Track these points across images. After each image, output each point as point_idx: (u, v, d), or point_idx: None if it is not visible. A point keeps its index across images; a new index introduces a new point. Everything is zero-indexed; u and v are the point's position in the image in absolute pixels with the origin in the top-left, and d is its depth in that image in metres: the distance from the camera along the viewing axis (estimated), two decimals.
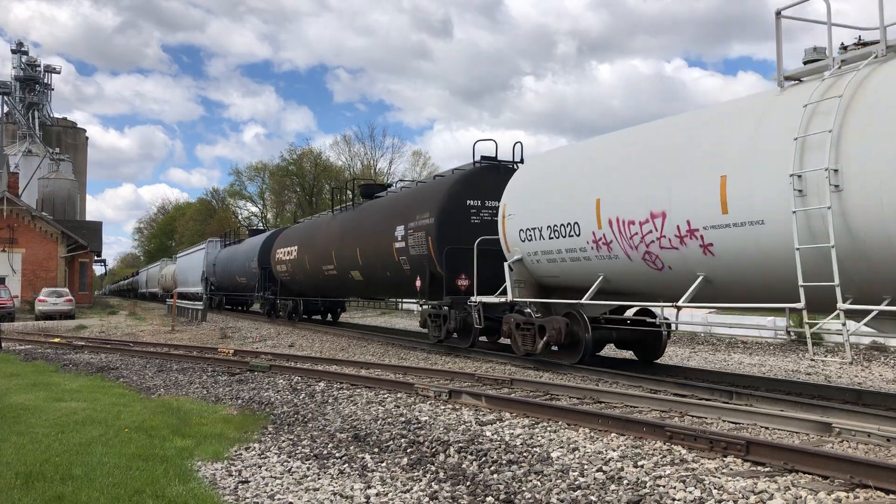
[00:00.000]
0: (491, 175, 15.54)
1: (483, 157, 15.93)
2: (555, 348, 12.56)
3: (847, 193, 7.20)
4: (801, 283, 7.47)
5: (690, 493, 5.01)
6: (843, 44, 8.19)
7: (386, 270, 17.84)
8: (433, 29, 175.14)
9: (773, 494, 4.91)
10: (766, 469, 5.56)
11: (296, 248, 24.61)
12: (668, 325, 11.41)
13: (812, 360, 11.03)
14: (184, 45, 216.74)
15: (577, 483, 5.38)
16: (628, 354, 13.83)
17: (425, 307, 16.71)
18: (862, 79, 7.44)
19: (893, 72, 7.26)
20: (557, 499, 5.04)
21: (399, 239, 16.65)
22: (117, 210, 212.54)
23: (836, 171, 7.27)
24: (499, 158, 16.13)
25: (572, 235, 11.33)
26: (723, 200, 8.51)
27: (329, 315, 28.07)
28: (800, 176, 7.59)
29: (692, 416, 7.86)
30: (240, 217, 73.15)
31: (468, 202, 15.39)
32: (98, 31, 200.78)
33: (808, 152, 7.59)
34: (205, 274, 41.76)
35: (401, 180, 21.12)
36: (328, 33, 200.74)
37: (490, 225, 14.81)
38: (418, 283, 16.23)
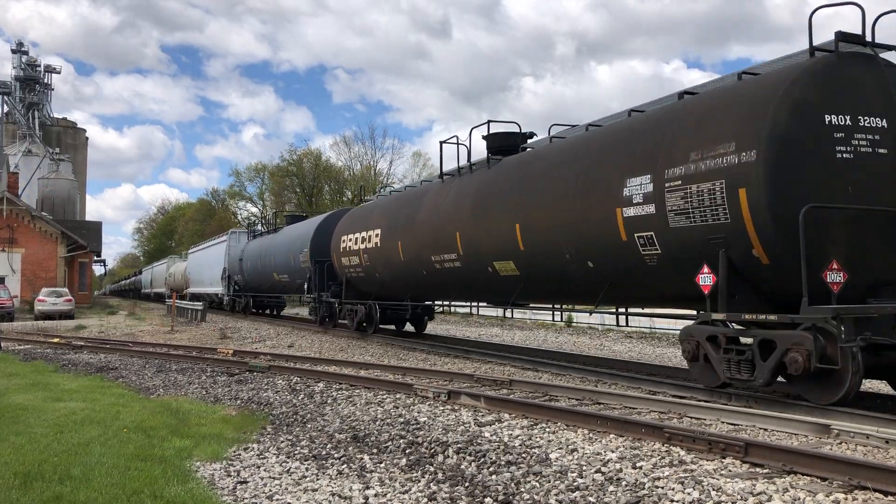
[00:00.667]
0: (865, 69, 8.36)
1: (842, 35, 8.34)
2: None
3: None
4: None
5: (689, 494, 5.01)
6: None
7: (589, 258, 10.47)
8: (432, 29, 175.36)
9: (771, 496, 4.91)
10: (765, 470, 5.56)
11: (377, 231, 17.76)
12: None
13: None
14: (182, 45, 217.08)
15: (575, 484, 5.37)
16: None
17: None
18: None
19: None
20: (556, 500, 5.04)
21: (635, 201, 9.38)
22: (116, 210, 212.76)
23: None
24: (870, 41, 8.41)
25: None
26: None
27: (412, 324, 20.98)
28: None
29: (691, 418, 7.86)
30: (239, 217, 73.16)
31: (829, 119, 7.96)
32: (96, 31, 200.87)
33: None
34: (226, 271, 36.13)
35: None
36: (327, 34, 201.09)
37: (874, 161, 8.07)
38: (703, 276, 8.61)
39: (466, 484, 5.52)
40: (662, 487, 5.20)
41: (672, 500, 4.93)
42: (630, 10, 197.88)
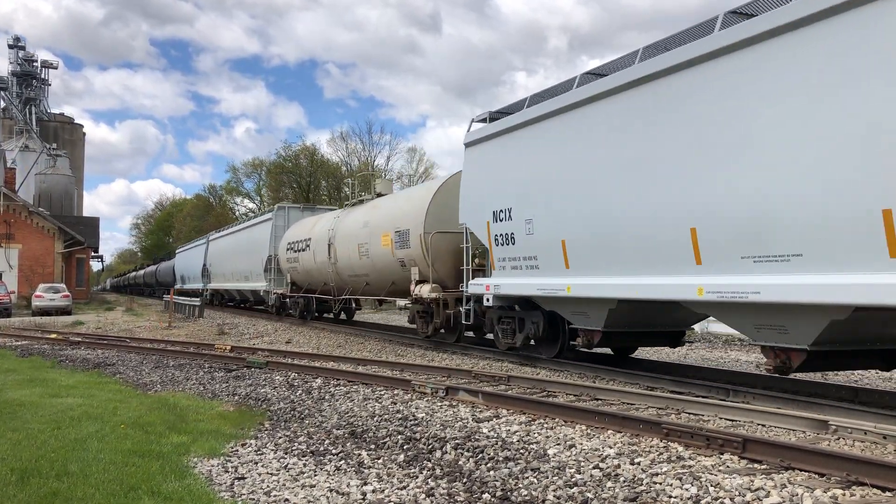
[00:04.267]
0: None
1: None
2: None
3: None
4: None
5: (687, 490, 5.01)
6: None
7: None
8: (422, 24, 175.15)
9: (769, 492, 4.91)
10: (763, 466, 5.56)
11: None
12: None
13: None
14: (172, 39, 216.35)
15: (573, 480, 5.37)
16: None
17: None
18: None
19: None
20: (554, 496, 5.04)
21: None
22: (111, 206, 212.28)
23: None
24: None
25: None
26: None
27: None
28: None
29: (689, 414, 7.86)
30: (237, 213, 73.09)
31: None
32: (83, 24, 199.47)
33: None
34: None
35: None
36: (317, 28, 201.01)
37: None
38: None
39: (464, 480, 5.52)
40: (660, 483, 5.20)
41: (670, 496, 4.93)
42: (622, 4, 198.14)
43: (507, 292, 12.61)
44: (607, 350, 13.05)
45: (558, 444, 6.47)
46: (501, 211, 12.54)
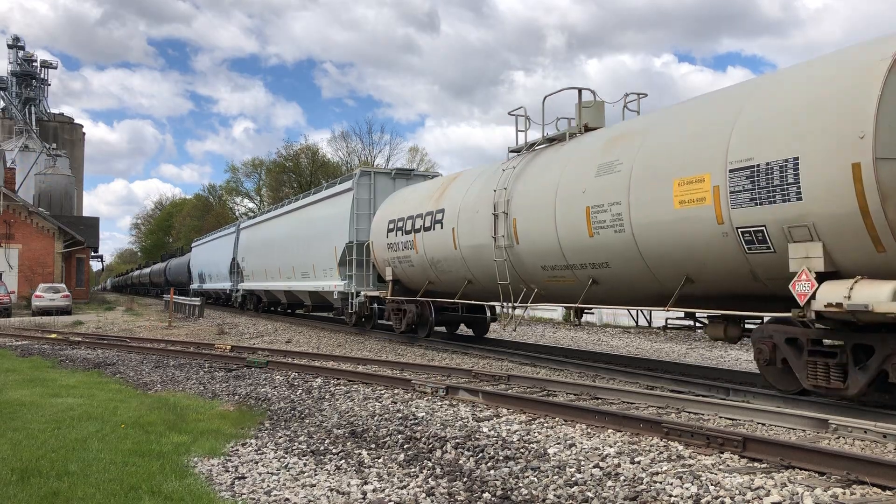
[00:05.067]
0: None
1: None
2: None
3: None
4: None
5: (687, 489, 5.01)
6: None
7: None
8: (420, 23, 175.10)
9: (769, 490, 4.91)
10: (763, 465, 5.56)
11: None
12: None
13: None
14: (169, 38, 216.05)
15: (573, 479, 5.37)
16: None
17: None
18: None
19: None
20: (554, 495, 5.04)
21: None
22: (110, 206, 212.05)
23: None
24: None
25: None
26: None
27: None
28: None
29: (689, 413, 7.86)
30: (237, 213, 73.09)
31: None
32: (80, 24, 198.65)
33: None
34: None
35: None
36: (314, 27, 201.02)
37: None
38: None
39: (465, 479, 5.52)
40: (661, 482, 5.20)
41: (670, 495, 4.93)
42: (619, 3, 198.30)
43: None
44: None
45: (558, 444, 6.47)
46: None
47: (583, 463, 5.79)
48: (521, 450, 6.28)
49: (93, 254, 59.17)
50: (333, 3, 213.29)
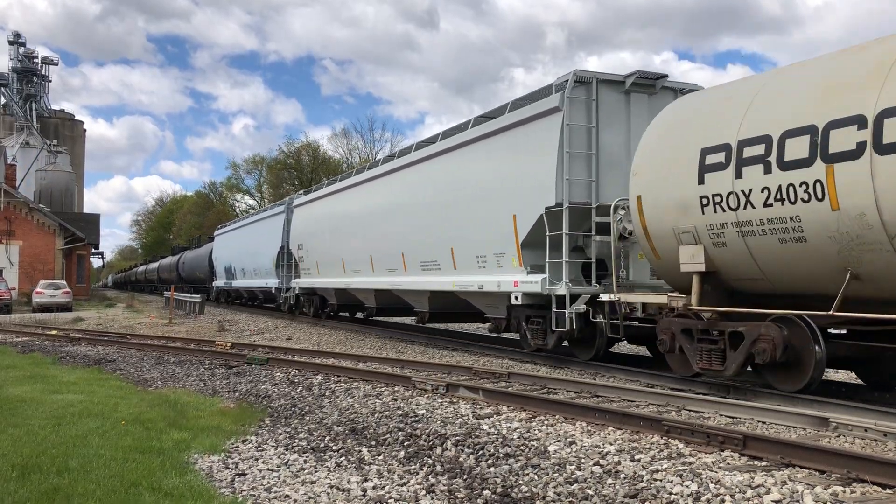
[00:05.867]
0: None
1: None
2: None
3: None
4: None
5: (687, 487, 5.01)
6: None
7: None
8: (419, 20, 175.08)
9: (769, 489, 4.91)
10: (763, 463, 5.56)
11: None
12: None
13: None
14: (168, 34, 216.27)
15: (574, 477, 5.37)
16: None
17: None
18: None
19: None
20: (554, 492, 5.04)
21: None
22: (110, 202, 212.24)
23: None
24: None
25: None
26: None
27: None
28: None
29: (689, 411, 7.86)
30: (237, 210, 73.09)
31: None
32: (79, 20, 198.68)
33: None
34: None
35: None
36: (314, 24, 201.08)
37: None
38: None
39: (465, 476, 5.52)
40: (661, 480, 5.20)
41: (670, 493, 4.93)
42: (618, 0, 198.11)
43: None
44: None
45: (559, 441, 6.47)
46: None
47: (583, 460, 5.79)
48: (522, 447, 6.28)
49: (93, 250, 59.17)
50: (333, 0, 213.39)
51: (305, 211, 24.41)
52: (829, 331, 8.52)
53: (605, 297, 10.59)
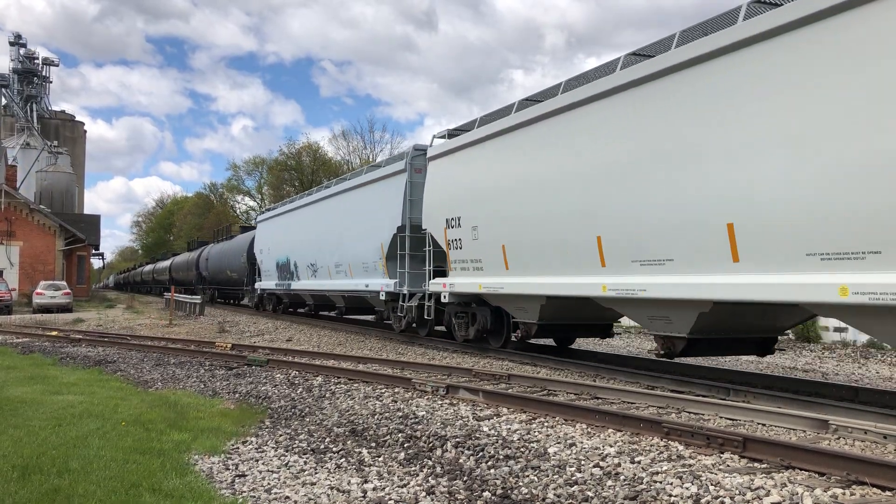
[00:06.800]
0: None
1: None
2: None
3: None
4: None
5: (687, 489, 5.02)
6: None
7: None
8: (418, 21, 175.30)
9: (769, 491, 4.91)
10: (763, 465, 5.57)
11: None
12: None
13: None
14: (167, 35, 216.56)
15: (573, 478, 5.38)
16: None
17: None
18: None
19: None
20: (554, 494, 5.05)
21: None
22: (109, 203, 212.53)
23: None
24: None
25: None
26: None
27: None
28: None
29: (689, 413, 7.87)
30: (238, 212, 73.10)
31: None
32: (78, 20, 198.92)
33: None
34: None
35: None
36: (312, 25, 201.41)
37: None
38: None
39: (465, 478, 5.52)
40: (661, 482, 5.20)
41: (670, 495, 4.93)
42: (618, 1, 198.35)
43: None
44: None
45: (559, 443, 6.48)
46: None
47: (583, 462, 5.80)
48: (522, 449, 6.29)
49: (94, 251, 59.19)
50: (332, 1, 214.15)
51: (451, 168, 14.32)
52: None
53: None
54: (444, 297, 14.59)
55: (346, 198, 20.14)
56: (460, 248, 13.90)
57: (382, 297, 17.52)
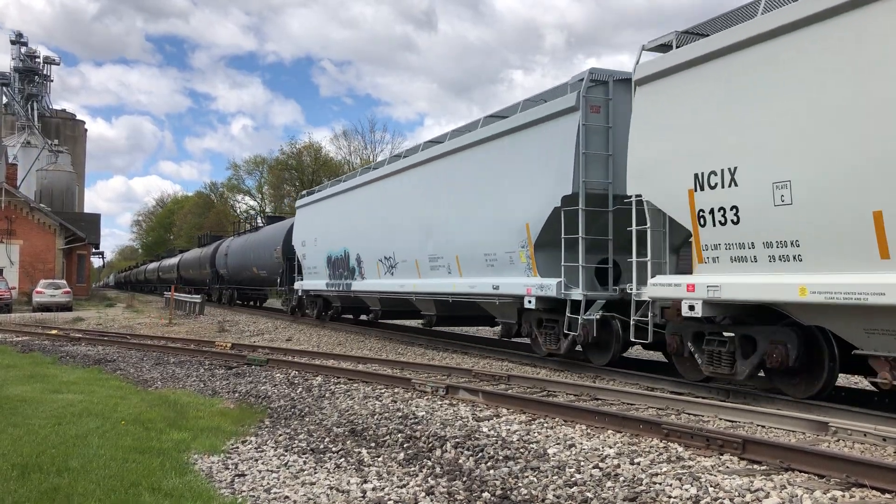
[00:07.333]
0: None
1: None
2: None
3: None
4: None
5: (686, 490, 5.02)
6: None
7: None
8: (417, 21, 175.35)
9: (769, 493, 4.91)
10: (763, 467, 5.57)
11: None
12: None
13: None
14: (167, 34, 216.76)
15: (573, 480, 5.38)
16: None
17: None
18: None
19: None
20: (553, 495, 5.04)
21: None
22: (109, 202, 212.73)
23: None
24: None
25: None
26: None
27: None
28: None
29: (689, 414, 7.87)
30: (238, 211, 73.12)
31: None
32: (77, 19, 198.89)
33: None
34: None
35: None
36: (312, 25, 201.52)
37: None
38: None
39: (464, 478, 5.52)
40: (660, 483, 5.20)
41: (669, 497, 4.93)
42: (617, 1, 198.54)
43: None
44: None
45: (558, 444, 6.48)
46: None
47: (582, 463, 5.80)
48: (521, 450, 6.29)
49: (93, 250, 59.19)
50: (331, 1, 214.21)
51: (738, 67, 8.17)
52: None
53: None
54: (691, 307, 8.60)
55: (450, 162, 14.39)
56: (736, 223, 8.02)
57: (530, 305, 11.73)
